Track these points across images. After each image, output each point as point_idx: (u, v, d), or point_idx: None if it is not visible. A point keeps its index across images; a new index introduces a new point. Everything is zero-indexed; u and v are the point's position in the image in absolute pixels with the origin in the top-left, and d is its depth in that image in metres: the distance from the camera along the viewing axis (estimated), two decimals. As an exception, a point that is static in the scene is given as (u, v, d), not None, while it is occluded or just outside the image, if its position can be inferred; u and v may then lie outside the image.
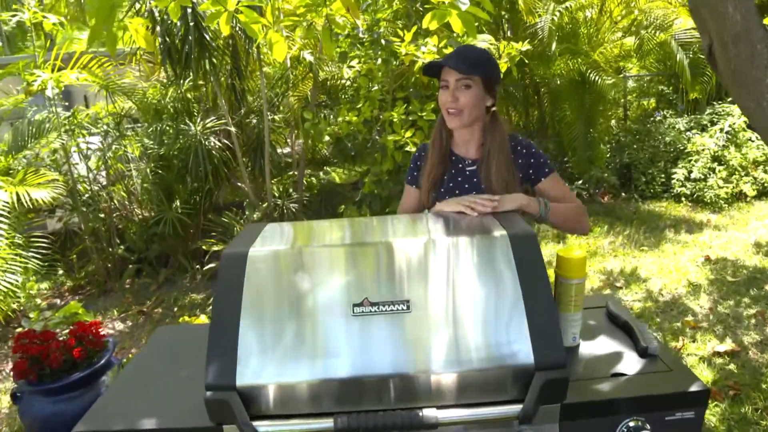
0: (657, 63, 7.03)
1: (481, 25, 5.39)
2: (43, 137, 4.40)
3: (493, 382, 1.05)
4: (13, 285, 3.49)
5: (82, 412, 1.26)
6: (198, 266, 4.84)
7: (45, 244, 4.21)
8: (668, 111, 6.83)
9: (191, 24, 4.21)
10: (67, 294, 4.74)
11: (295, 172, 5.59)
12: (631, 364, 1.27)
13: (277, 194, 5.29)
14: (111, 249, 4.87)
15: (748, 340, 3.08)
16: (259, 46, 4.60)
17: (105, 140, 4.73)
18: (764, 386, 2.62)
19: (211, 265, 4.57)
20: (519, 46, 4.30)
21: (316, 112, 4.90)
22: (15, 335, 2.41)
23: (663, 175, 6.16)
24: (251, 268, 1.17)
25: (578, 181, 6.16)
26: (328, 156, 6.13)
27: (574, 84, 6.10)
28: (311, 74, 5.14)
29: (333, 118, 4.58)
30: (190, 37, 4.23)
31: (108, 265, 4.87)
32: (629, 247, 4.74)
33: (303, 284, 1.15)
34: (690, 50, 6.07)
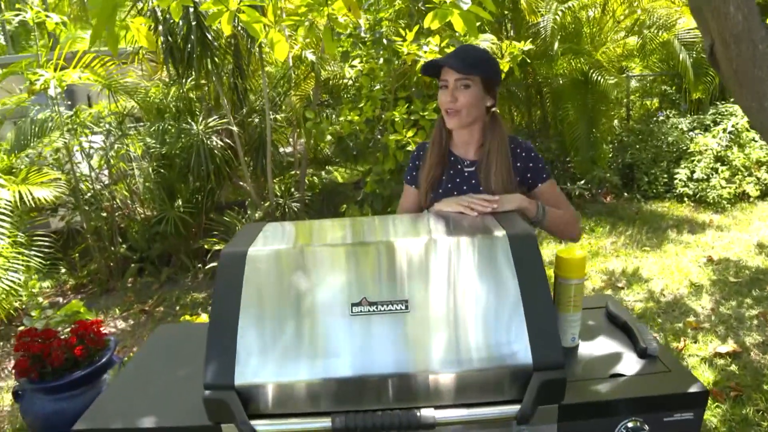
0: (660, 63, 7.01)
1: (483, 25, 5.39)
2: (45, 136, 4.41)
3: (491, 383, 1.05)
4: (16, 283, 3.50)
5: (84, 410, 1.26)
6: (200, 265, 4.85)
7: (47, 242, 4.23)
8: (671, 111, 6.81)
9: (193, 23, 4.21)
10: (69, 292, 4.75)
11: (297, 172, 5.60)
12: (630, 364, 1.27)
13: (279, 193, 5.29)
14: (113, 248, 4.88)
15: (750, 341, 3.07)
16: (261, 46, 4.61)
17: (107, 139, 4.73)
18: (766, 387, 2.61)
19: (213, 264, 4.57)
20: (521, 45, 4.29)
21: (318, 112, 4.90)
22: (17, 333, 2.42)
23: (665, 175, 6.14)
24: (250, 267, 1.17)
25: (580, 181, 6.14)
26: (330, 155, 6.13)
27: (577, 84, 6.08)
28: (313, 73, 5.15)
29: (335, 117, 4.59)
30: (192, 37, 4.23)
31: (110, 264, 4.88)
32: (631, 247, 4.73)
33: (302, 283, 1.15)
34: (693, 50, 6.05)
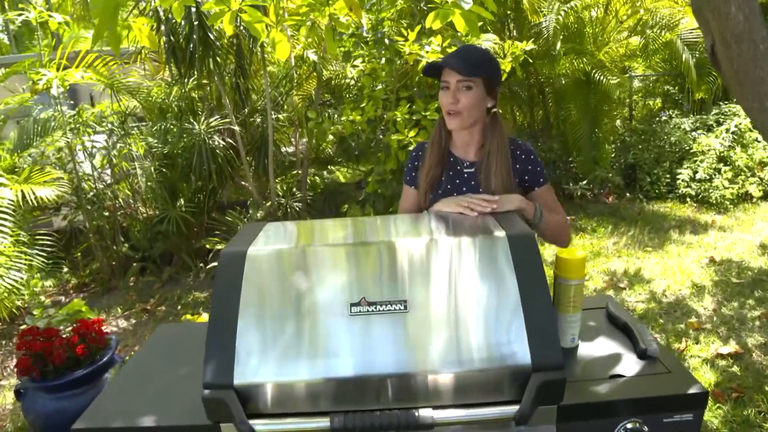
0: (663, 63, 7.00)
1: (485, 25, 5.38)
2: (48, 135, 4.43)
3: (490, 383, 1.05)
4: (18, 282, 3.51)
5: (85, 409, 1.27)
6: (201, 265, 4.86)
7: (50, 241, 4.24)
8: (674, 111, 6.79)
9: (195, 23, 4.22)
10: (71, 291, 4.76)
11: (299, 171, 5.60)
12: (630, 365, 1.26)
13: (280, 193, 5.30)
14: (115, 247, 4.89)
15: (752, 342, 3.06)
16: (263, 46, 4.61)
17: (110, 139, 4.75)
18: (767, 389, 2.60)
19: (215, 263, 4.58)
20: (523, 45, 4.29)
21: (320, 112, 4.90)
22: (19, 332, 2.43)
23: (668, 176, 6.13)
24: (250, 267, 1.17)
25: (583, 181, 6.13)
26: (332, 155, 6.14)
27: (579, 84, 6.07)
28: (315, 73, 5.15)
29: (337, 117, 4.59)
30: (195, 36, 4.24)
31: (112, 263, 4.89)
32: (633, 247, 4.72)
33: (301, 283, 1.15)
34: (696, 50, 6.04)
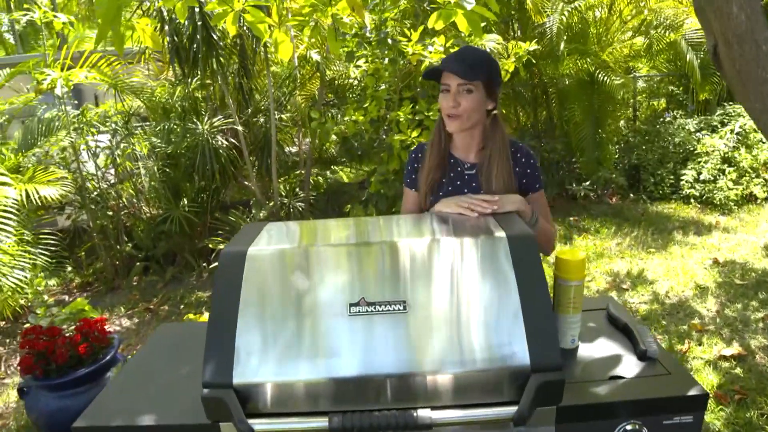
0: (667, 63, 6.97)
1: (489, 25, 5.38)
2: (52, 135, 4.45)
3: (489, 384, 1.05)
4: (22, 281, 3.53)
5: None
6: (204, 264, 4.87)
7: (54, 241, 4.26)
8: (678, 112, 6.76)
9: (199, 23, 4.23)
10: (75, 291, 4.78)
11: (302, 171, 5.61)
12: (630, 367, 1.26)
13: (283, 193, 5.30)
14: (119, 246, 4.91)
15: (755, 344, 3.05)
16: (266, 46, 4.62)
17: (113, 138, 4.76)
18: (771, 391, 2.59)
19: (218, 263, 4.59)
20: (527, 45, 4.28)
21: (323, 112, 4.91)
22: (22, 331, 2.44)
23: (672, 177, 6.10)
24: (250, 266, 1.17)
25: (586, 182, 6.12)
26: (335, 155, 6.14)
27: (583, 84, 6.06)
28: (318, 73, 5.16)
29: (340, 117, 4.59)
30: (198, 37, 4.25)
31: (116, 263, 4.91)
32: (636, 248, 4.71)
33: (301, 283, 1.15)
34: (700, 50, 6.01)
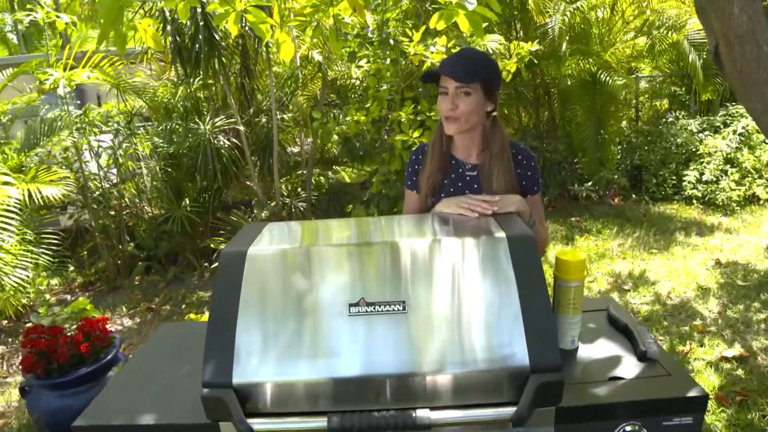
0: (670, 63, 6.96)
1: (491, 25, 5.37)
2: (55, 135, 4.46)
3: (488, 384, 1.05)
4: (24, 280, 3.54)
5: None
6: (206, 264, 4.88)
7: (56, 240, 4.27)
8: (680, 112, 6.75)
9: (201, 23, 4.24)
10: (77, 290, 4.80)
11: (304, 171, 5.61)
12: (630, 368, 1.26)
13: (285, 193, 5.31)
14: (121, 246, 4.92)
15: (757, 345, 3.04)
16: (268, 46, 4.63)
17: (116, 138, 4.77)
18: (772, 392, 2.59)
19: (219, 263, 4.60)
20: (529, 46, 4.28)
21: (325, 112, 4.91)
22: (24, 330, 2.45)
23: (674, 177, 6.09)
24: (250, 266, 1.18)
25: (588, 183, 6.11)
26: (337, 155, 6.14)
27: (585, 84, 6.05)
28: (320, 74, 5.16)
29: (342, 117, 4.59)
30: (200, 37, 4.26)
31: (118, 262, 4.92)
32: (638, 249, 4.70)
33: (301, 283, 1.15)
34: (703, 51, 6.00)
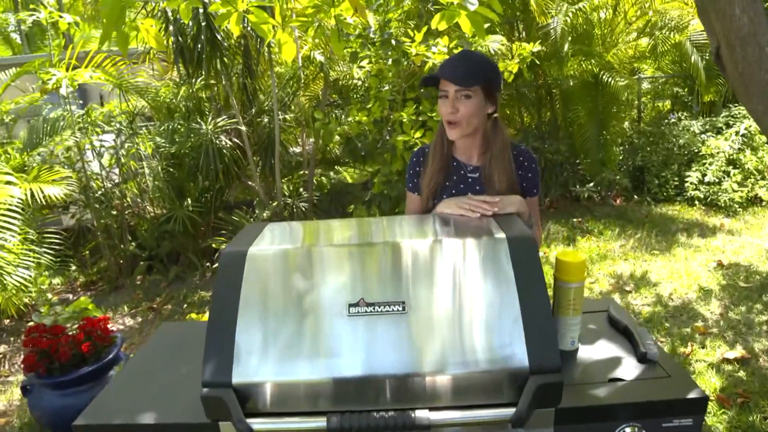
0: (672, 64, 6.94)
1: (493, 26, 5.37)
2: (57, 135, 4.47)
3: (487, 385, 1.05)
4: (26, 280, 3.54)
5: (90, 406, 1.28)
6: (208, 264, 4.89)
7: (58, 240, 4.28)
8: (683, 113, 6.73)
9: (203, 24, 4.24)
10: (79, 289, 4.81)
11: (306, 172, 5.62)
12: (630, 369, 1.26)
13: (287, 193, 5.31)
14: (123, 246, 4.93)
15: (759, 347, 3.03)
16: (270, 46, 4.63)
17: (118, 138, 4.78)
18: (774, 394, 2.58)
19: (221, 263, 4.60)
20: (531, 47, 4.28)
21: (327, 112, 4.92)
22: (26, 329, 2.46)
23: (676, 178, 6.08)
24: (250, 267, 1.18)
25: (590, 183, 6.10)
26: (339, 156, 6.14)
27: (587, 85, 6.04)
28: (322, 74, 5.16)
29: (344, 117, 4.59)
30: (202, 37, 4.27)
31: (120, 262, 4.93)
32: (640, 250, 4.69)
33: (301, 284, 1.16)
34: (705, 52, 5.98)
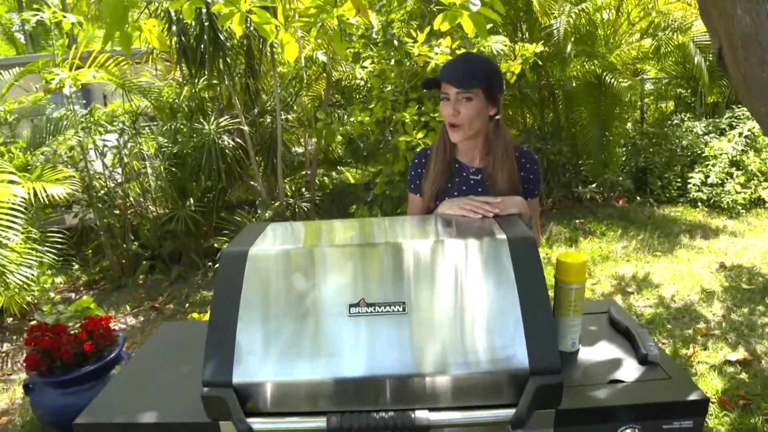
0: (675, 65, 6.93)
1: (496, 26, 5.37)
2: (60, 134, 4.49)
3: (487, 386, 1.05)
4: (28, 279, 3.56)
5: (91, 404, 1.29)
6: (210, 263, 4.90)
7: (61, 239, 4.29)
8: (686, 114, 6.72)
9: (206, 24, 4.25)
10: (82, 288, 4.82)
11: (308, 172, 5.62)
12: (630, 370, 1.26)
13: (289, 193, 5.32)
14: (125, 245, 4.94)
15: (761, 349, 3.02)
16: (272, 46, 4.64)
17: (121, 138, 4.80)
18: (776, 396, 2.57)
19: (223, 262, 4.61)
20: (533, 47, 4.27)
21: (330, 112, 4.92)
22: (28, 328, 2.47)
23: (679, 180, 6.07)
24: (251, 267, 1.18)
25: (592, 184, 6.09)
26: (341, 156, 6.14)
27: (590, 86, 6.03)
28: (325, 74, 5.17)
29: (346, 118, 4.60)
30: (205, 37, 4.27)
31: (122, 261, 4.94)
32: (642, 252, 4.68)
33: (301, 284, 1.16)
34: (709, 53, 5.97)
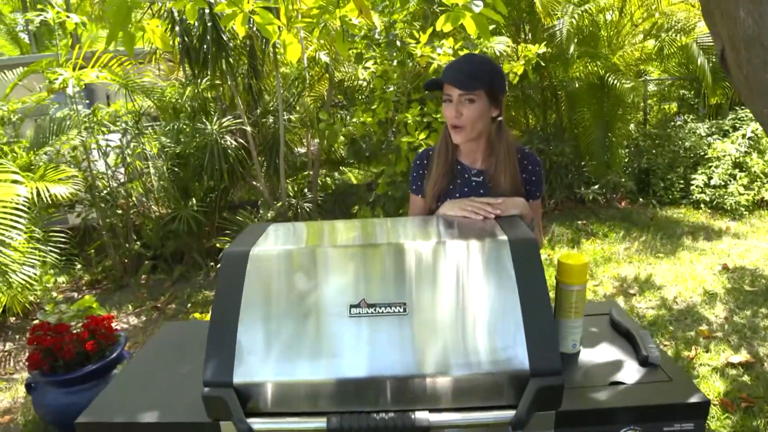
0: (678, 67, 6.92)
1: (499, 27, 5.36)
2: (64, 134, 4.49)
3: (488, 387, 1.05)
4: (31, 278, 3.57)
5: (93, 404, 1.29)
6: (212, 263, 4.91)
7: (63, 238, 4.30)
8: (689, 116, 6.71)
9: (209, 24, 4.26)
10: (84, 288, 4.83)
11: (310, 172, 5.63)
12: (631, 372, 1.25)
13: (291, 194, 5.32)
14: (128, 245, 4.95)
15: (764, 351, 3.01)
16: (275, 47, 4.64)
17: (124, 138, 4.81)
18: (779, 399, 2.56)
19: (225, 262, 4.61)
20: (536, 48, 4.27)
21: (332, 113, 4.92)
22: (31, 327, 2.47)
23: (682, 181, 6.05)
24: (252, 267, 1.18)
25: (595, 186, 6.08)
26: (344, 156, 6.15)
27: (593, 87, 6.02)
28: (327, 75, 5.17)
29: (348, 118, 4.60)
30: (208, 37, 4.28)
31: (124, 261, 4.95)
32: (645, 253, 4.67)
33: (302, 284, 1.16)
34: (712, 54, 5.96)
